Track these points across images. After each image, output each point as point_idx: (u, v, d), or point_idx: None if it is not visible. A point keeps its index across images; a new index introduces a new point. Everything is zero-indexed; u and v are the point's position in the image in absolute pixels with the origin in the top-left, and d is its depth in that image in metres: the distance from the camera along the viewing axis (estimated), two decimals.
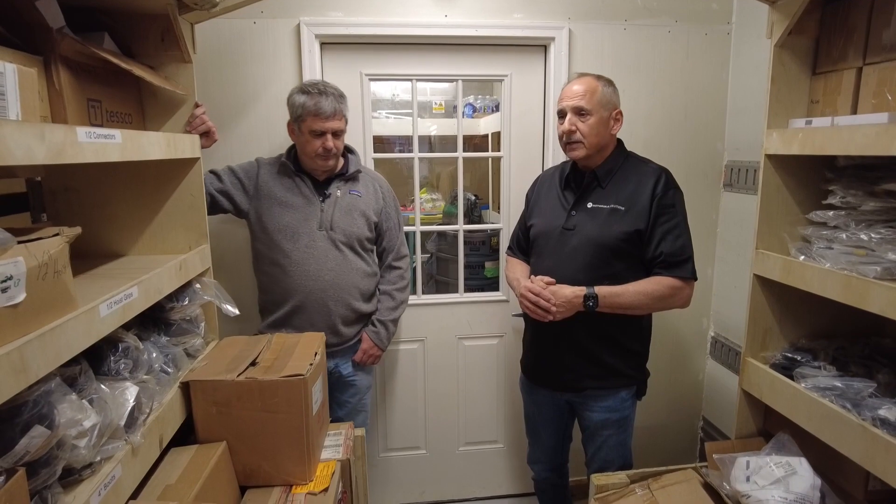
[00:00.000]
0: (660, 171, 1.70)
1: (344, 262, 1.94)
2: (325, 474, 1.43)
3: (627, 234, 1.64)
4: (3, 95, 0.84)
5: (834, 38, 1.47)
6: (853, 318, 1.54)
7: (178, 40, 1.51)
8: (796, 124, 1.52)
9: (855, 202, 1.38)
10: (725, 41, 2.33)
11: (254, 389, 1.34)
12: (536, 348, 1.86)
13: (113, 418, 1.03)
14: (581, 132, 1.66)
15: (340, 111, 1.86)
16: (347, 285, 1.94)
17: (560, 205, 1.78)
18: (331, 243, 1.92)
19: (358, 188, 2.00)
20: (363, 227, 1.97)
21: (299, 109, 1.83)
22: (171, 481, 1.21)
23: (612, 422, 1.78)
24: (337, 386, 2.06)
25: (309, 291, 1.90)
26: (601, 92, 1.65)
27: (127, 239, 1.53)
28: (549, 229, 1.77)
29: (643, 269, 1.70)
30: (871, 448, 1.20)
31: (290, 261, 1.90)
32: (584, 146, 1.67)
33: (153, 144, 1.28)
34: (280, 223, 1.90)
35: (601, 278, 1.66)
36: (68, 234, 0.94)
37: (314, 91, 1.83)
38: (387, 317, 2.05)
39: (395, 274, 2.09)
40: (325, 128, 1.83)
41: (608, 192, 1.70)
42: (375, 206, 2.02)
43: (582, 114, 1.66)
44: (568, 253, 1.71)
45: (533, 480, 2.12)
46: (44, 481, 0.86)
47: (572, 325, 1.70)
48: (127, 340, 1.17)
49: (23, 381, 0.79)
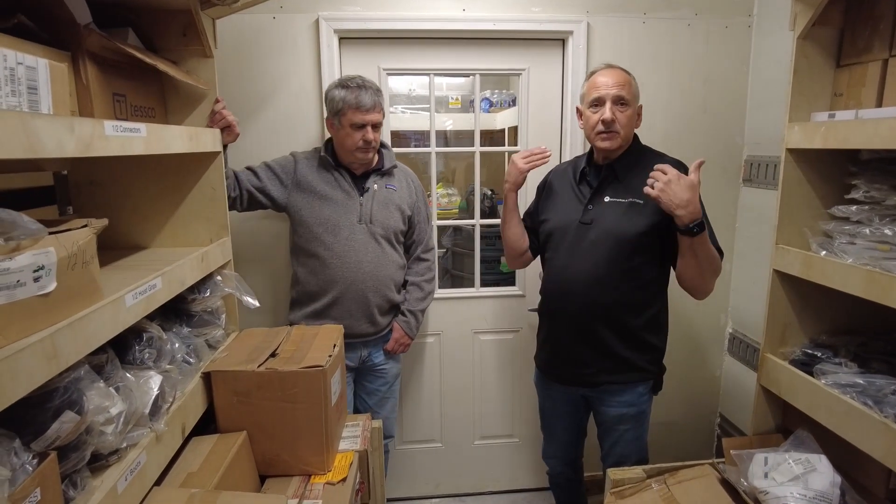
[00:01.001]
0: (676, 165, 1.67)
1: (382, 255, 1.98)
2: (343, 465, 1.45)
3: (649, 226, 1.62)
4: (36, 90, 0.86)
5: (859, 28, 1.45)
6: (875, 314, 1.51)
7: (200, 35, 1.53)
8: (819, 118, 1.50)
9: (879, 196, 1.36)
10: (746, 34, 2.30)
11: (274, 380, 1.36)
12: (552, 343, 1.85)
13: (138, 406, 1.06)
14: (619, 122, 1.64)
15: (379, 104, 1.90)
16: (385, 277, 1.99)
17: (576, 199, 1.77)
18: (370, 236, 1.96)
19: (393, 182, 2.03)
20: (399, 221, 2.02)
21: (339, 104, 1.85)
22: (193, 469, 1.23)
23: (628, 416, 1.77)
24: (368, 375, 2.11)
25: (350, 283, 1.94)
26: (634, 85, 1.67)
27: (149, 231, 1.56)
28: (564, 224, 1.76)
29: (659, 265, 1.69)
30: (893, 446, 1.19)
31: (332, 253, 1.93)
32: (620, 136, 1.66)
33: (176, 138, 1.30)
34: (321, 216, 1.93)
35: (620, 273, 1.65)
36: (96, 226, 0.97)
37: (353, 85, 1.85)
38: (416, 307, 2.10)
39: (424, 266, 2.14)
40: (365, 120, 1.85)
41: (626, 185, 1.69)
42: (409, 199, 2.06)
43: (622, 103, 1.64)
44: (586, 248, 1.69)
45: (548, 475, 2.13)
46: (73, 465, 0.89)
47: (590, 319, 1.69)
48: (151, 331, 1.19)
49: (54, 368, 0.81)
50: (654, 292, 1.72)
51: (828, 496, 1.33)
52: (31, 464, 0.78)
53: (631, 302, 1.68)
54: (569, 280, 1.73)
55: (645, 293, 1.70)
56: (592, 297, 1.68)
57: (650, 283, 1.70)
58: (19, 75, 0.82)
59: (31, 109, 0.85)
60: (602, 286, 1.67)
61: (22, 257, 0.77)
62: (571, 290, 1.72)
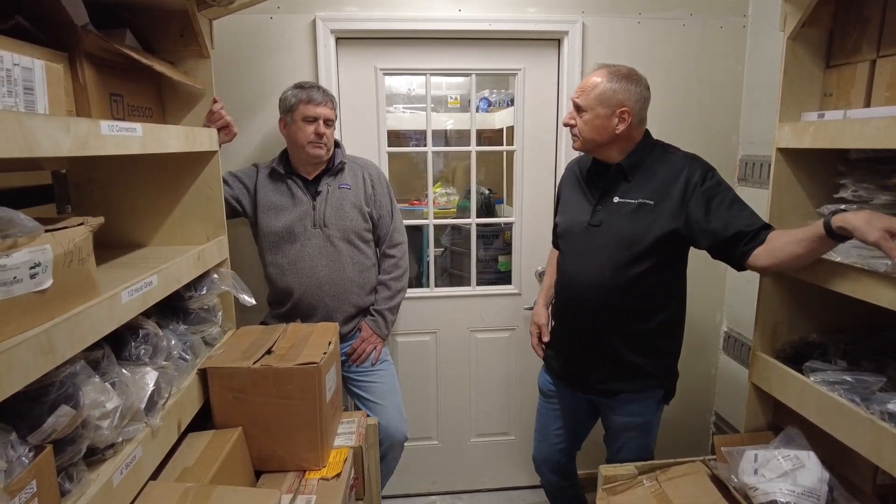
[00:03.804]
0: (688, 161, 1.63)
1: (339, 258, 1.97)
2: (337, 460, 1.47)
3: (664, 234, 1.56)
4: (32, 90, 0.88)
5: (848, 29, 1.46)
6: (865, 313, 1.52)
7: (197, 36, 1.54)
8: (809, 117, 1.51)
9: (867, 195, 1.37)
10: (741, 34, 2.31)
11: (269, 377, 1.38)
12: (563, 346, 1.81)
13: (133, 401, 1.07)
14: (577, 127, 1.64)
15: (331, 102, 1.94)
16: (345, 280, 1.98)
17: (584, 199, 1.72)
18: (326, 240, 1.96)
19: (345, 180, 2.02)
20: (357, 219, 1.99)
21: (291, 100, 1.91)
22: (188, 464, 1.25)
23: (634, 426, 1.75)
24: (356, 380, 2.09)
25: (305, 288, 1.96)
26: (602, 88, 1.58)
27: (147, 230, 1.58)
28: (573, 225, 1.72)
29: (671, 268, 1.65)
30: (878, 442, 1.20)
31: (288, 260, 1.96)
32: (580, 140, 1.65)
33: (172, 137, 1.31)
34: (276, 226, 1.96)
35: (629, 277, 1.60)
36: (92, 224, 0.98)
37: (307, 86, 1.92)
38: (383, 306, 2.06)
39: (390, 263, 2.09)
40: (317, 113, 1.89)
41: (635, 185, 1.63)
42: (364, 194, 2.03)
43: (578, 109, 1.63)
44: (594, 251, 1.65)
45: (542, 487, 2.10)
46: (69, 458, 0.91)
47: (599, 325, 1.66)
48: (147, 327, 1.21)
49: (50, 362, 0.83)
50: (668, 295, 1.68)
51: (816, 492, 1.35)
52: (27, 456, 0.80)
53: (641, 307, 1.64)
54: (577, 285, 1.70)
55: (657, 297, 1.65)
56: (600, 302, 1.65)
57: (663, 287, 1.66)
58: (16, 76, 0.84)
59: (28, 110, 0.87)
60: (609, 291, 1.63)
61: (18, 254, 0.79)
62: (580, 294, 1.69)
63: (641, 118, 1.65)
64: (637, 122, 1.63)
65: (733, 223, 1.50)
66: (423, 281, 2.99)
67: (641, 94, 1.61)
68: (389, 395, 2.09)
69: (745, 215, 1.52)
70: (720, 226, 1.51)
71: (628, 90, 1.59)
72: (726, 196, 1.55)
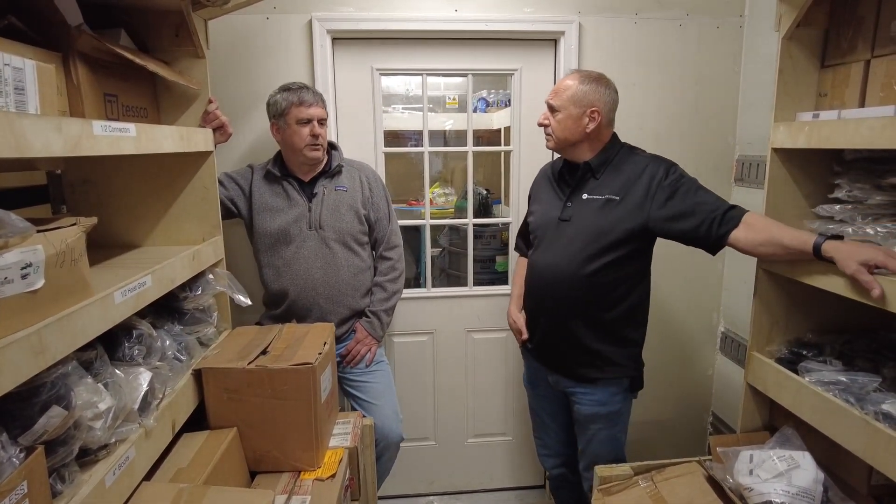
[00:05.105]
0: (652, 159, 1.70)
1: (333, 260, 1.97)
2: (332, 461, 1.47)
3: (630, 228, 1.64)
4: (23, 90, 0.88)
5: (843, 29, 1.46)
6: (861, 313, 1.52)
7: (192, 36, 1.54)
8: (803, 117, 1.51)
9: (861, 196, 1.37)
10: (737, 34, 2.31)
11: (264, 377, 1.38)
12: (533, 334, 1.90)
13: (127, 402, 1.07)
14: (550, 126, 1.73)
15: (321, 101, 1.93)
16: (340, 283, 1.98)
17: (556, 197, 1.81)
18: (322, 242, 1.96)
19: (342, 182, 2.01)
20: (353, 222, 1.99)
21: (282, 103, 1.89)
22: (183, 465, 1.25)
23: (600, 416, 1.78)
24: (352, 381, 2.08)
25: (300, 290, 1.95)
26: (574, 90, 1.68)
27: (142, 230, 1.58)
28: (545, 220, 1.81)
29: (636, 259, 1.71)
30: (872, 442, 1.20)
31: (283, 261, 1.96)
32: (553, 139, 1.74)
33: (167, 138, 1.31)
34: (272, 228, 1.95)
35: (594, 268, 1.67)
36: (84, 224, 0.98)
37: (294, 87, 1.91)
38: (379, 307, 2.06)
39: (387, 265, 2.09)
40: (310, 114, 1.88)
41: (602, 182, 1.71)
42: (362, 197, 2.03)
43: (551, 110, 1.73)
44: (563, 243, 1.73)
45: (547, 479, 2.11)
46: (61, 459, 0.91)
47: (564, 313, 1.73)
48: (141, 328, 1.21)
49: (41, 363, 0.83)
50: (633, 285, 1.73)
51: (811, 493, 1.35)
52: (18, 457, 0.80)
53: (606, 296, 1.70)
54: (546, 274, 1.77)
55: (621, 287, 1.71)
56: (565, 290, 1.71)
57: (628, 277, 1.71)
58: (6, 76, 0.84)
59: (19, 110, 0.87)
60: (574, 280, 1.69)
61: (9, 255, 0.78)
62: (546, 284, 1.77)
63: (610, 119, 1.74)
64: (606, 122, 1.72)
65: (700, 207, 1.58)
66: (420, 281, 2.99)
67: (611, 96, 1.71)
68: (385, 395, 2.09)
69: (711, 199, 1.59)
70: (688, 209, 1.59)
71: (598, 91, 1.69)
72: (691, 186, 1.63)
